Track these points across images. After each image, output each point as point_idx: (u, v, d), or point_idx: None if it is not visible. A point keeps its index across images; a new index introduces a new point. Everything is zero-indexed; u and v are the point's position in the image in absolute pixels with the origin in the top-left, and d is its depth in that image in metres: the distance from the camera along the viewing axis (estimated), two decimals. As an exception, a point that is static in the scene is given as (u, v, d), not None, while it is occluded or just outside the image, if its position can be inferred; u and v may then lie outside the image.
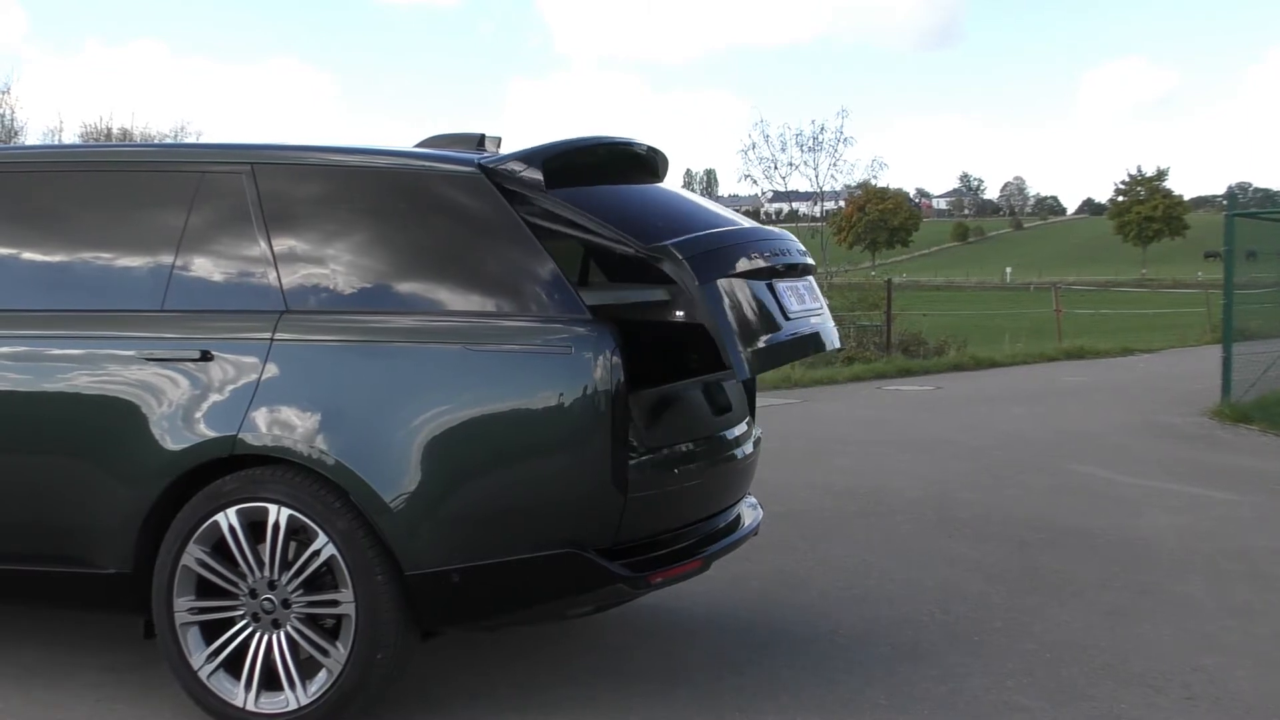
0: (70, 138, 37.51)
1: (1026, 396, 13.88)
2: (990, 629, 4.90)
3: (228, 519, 3.68)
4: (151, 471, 3.73)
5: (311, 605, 3.65)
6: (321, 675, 3.64)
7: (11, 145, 25.97)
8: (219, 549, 3.71)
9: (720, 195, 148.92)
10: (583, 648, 4.62)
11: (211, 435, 3.69)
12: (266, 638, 3.68)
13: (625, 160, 4.27)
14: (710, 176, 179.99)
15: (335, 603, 3.61)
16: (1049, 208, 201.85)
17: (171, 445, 3.71)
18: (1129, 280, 75.64)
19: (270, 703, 3.67)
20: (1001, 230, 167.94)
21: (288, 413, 3.64)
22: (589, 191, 3.84)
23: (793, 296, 3.99)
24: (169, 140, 33.24)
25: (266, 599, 3.67)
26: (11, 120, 36.70)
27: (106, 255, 4.01)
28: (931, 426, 11.15)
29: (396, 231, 3.80)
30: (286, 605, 3.66)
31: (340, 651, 3.60)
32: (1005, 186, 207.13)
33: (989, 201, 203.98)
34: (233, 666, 3.71)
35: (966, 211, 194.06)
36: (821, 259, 23.83)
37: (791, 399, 13.35)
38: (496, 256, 3.71)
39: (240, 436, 3.66)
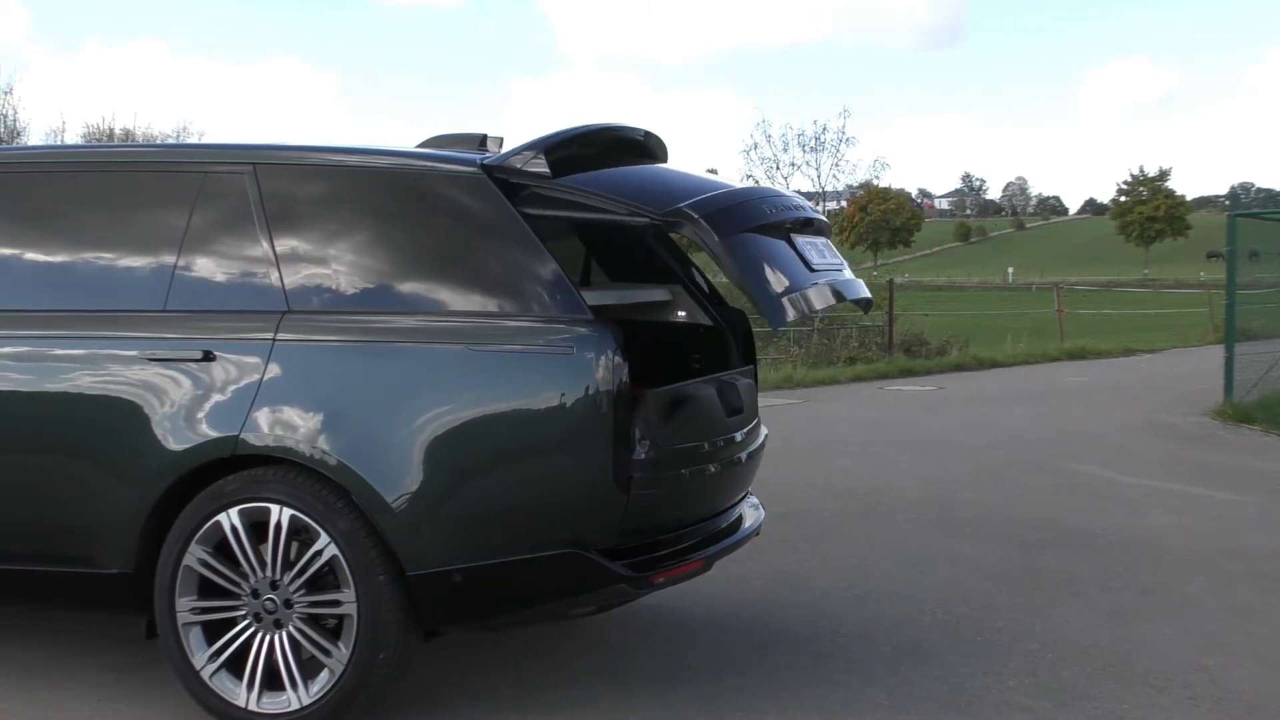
0: (73, 138, 37.55)
1: (1028, 397, 13.88)
2: (992, 629, 4.90)
3: (230, 519, 3.68)
4: (154, 471, 3.74)
5: (313, 605, 3.65)
6: (323, 675, 3.64)
7: (14, 146, 26.00)
8: (221, 549, 3.72)
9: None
10: (584, 647, 4.62)
11: (214, 435, 3.69)
12: (268, 638, 3.68)
13: (624, 146, 4.28)
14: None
15: (337, 603, 3.61)
16: (1051, 208, 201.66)
17: (174, 445, 3.72)
18: (1131, 280, 75.57)
19: (272, 703, 3.67)
20: (1003, 230, 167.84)
21: (290, 413, 3.65)
22: (595, 175, 3.86)
23: (813, 251, 3.98)
24: (171, 140, 33.25)
25: (268, 599, 3.67)
26: (14, 121, 36.78)
27: (109, 255, 4.01)
28: (933, 427, 11.14)
29: (399, 232, 3.81)
30: (288, 605, 3.66)
31: (342, 651, 3.60)
32: (1007, 186, 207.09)
33: (991, 202, 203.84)
34: (235, 666, 3.71)
35: (968, 212, 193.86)
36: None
37: (793, 399, 13.35)
38: (498, 257, 3.71)
39: (242, 436, 3.66)
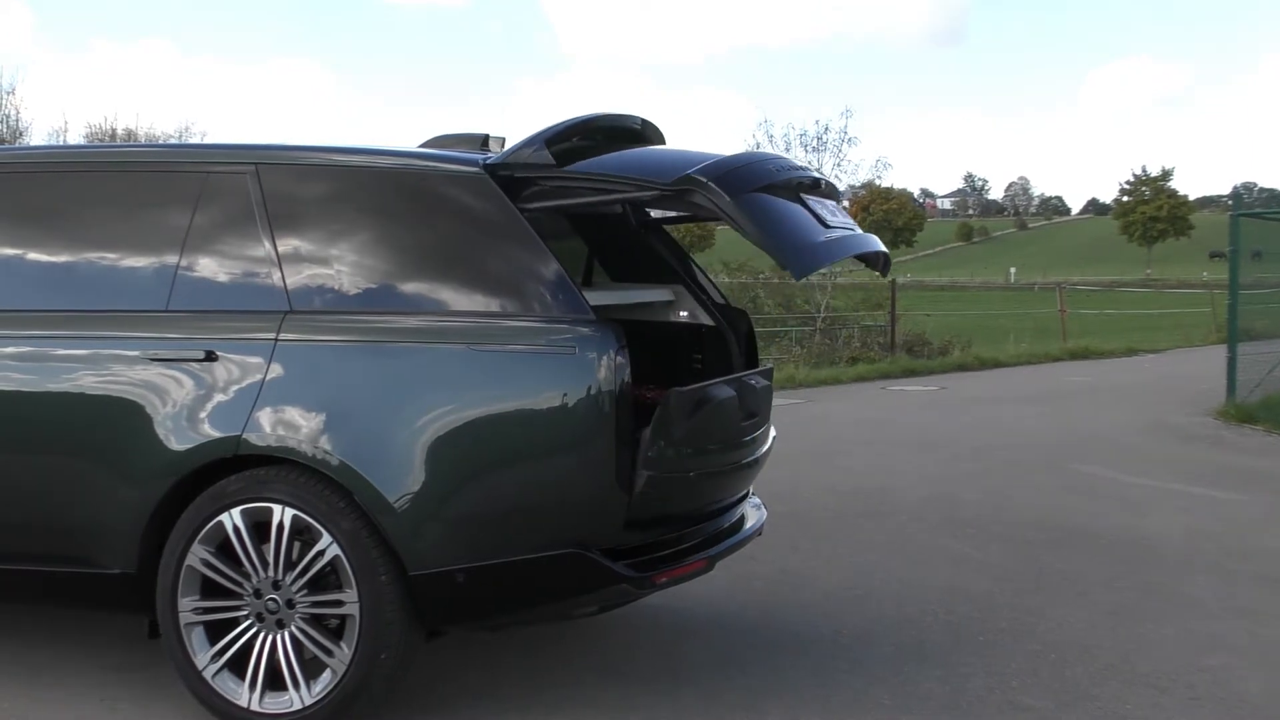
0: (75, 138, 37.56)
1: (1031, 397, 13.87)
2: (995, 629, 4.89)
3: (232, 519, 3.68)
4: (156, 471, 3.74)
5: (316, 605, 3.65)
6: (326, 675, 3.64)
7: (16, 145, 26.00)
8: (223, 549, 3.71)
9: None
10: (587, 647, 4.62)
11: (216, 435, 3.69)
12: (271, 638, 3.68)
13: (622, 135, 4.28)
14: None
15: (339, 603, 3.61)
16: (1053, 208, 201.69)
17: (176, 445, 3.72)
18: (1134, 280, 75.53)
19: (275, 703, 3.67)
20: (1006, 230, 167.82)
21: (292, 413, 3.64)
22: (598, 159, 3.87)
23: (825, 210, 3.96)
24: (173, 140, 33.28)
25: (271, 599, 3.67)
26: (17, 120, 36.74)
27: (111, 255, 4.01)
28: (936, 427, 11.14)
29: (401, 232, 3.80)
30: (291, 605, 3.66)
31: (344, 651, 3.60)
32: (1010, 186, 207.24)
33: (993, 201, 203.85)
34: (237, 666, 3.71)
35: (971, 211, 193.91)
36: (826, 259, 23.76)
37: (796, 399, 13.34)
38: (501, 257, 3.71)
39: (245, 437, 3.66)
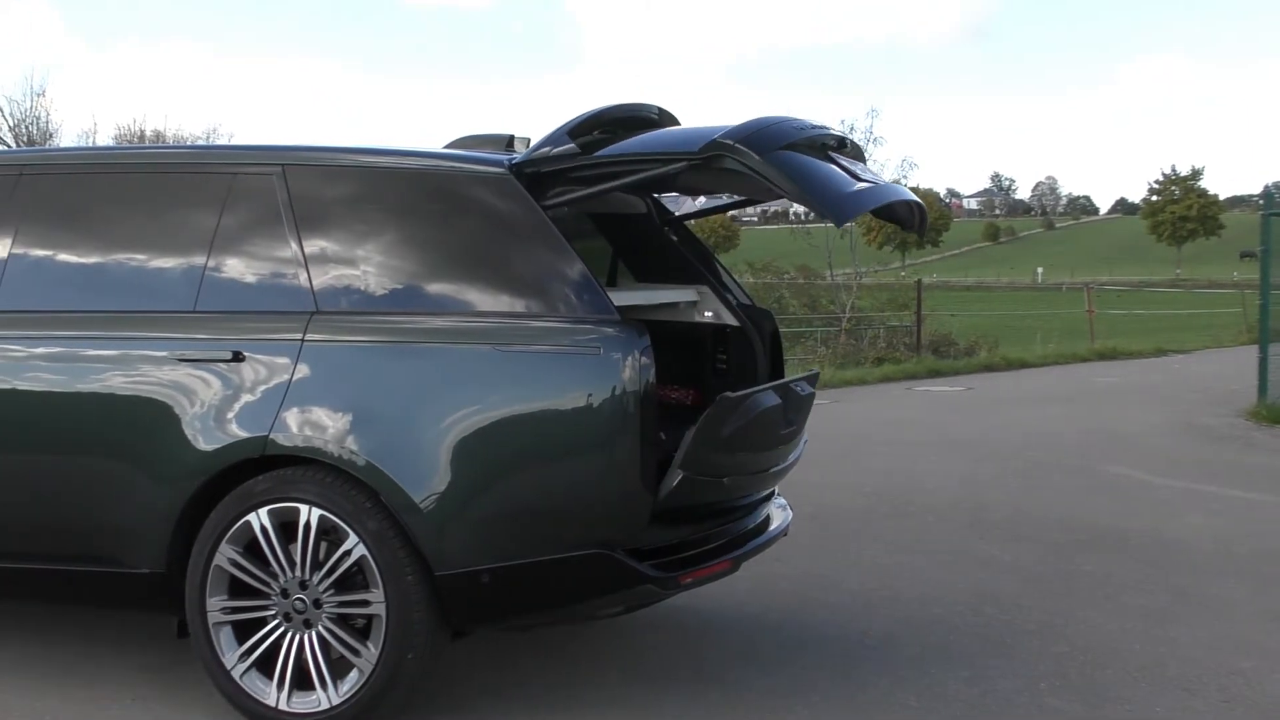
0: (104, 139, 37.87)
1: (1059, 397, 13.77)
2: (1023, 631, 4.86)
3: (259, 519, 3.70)
4: (184, 471, 3.76)
5: (342, 605, 3.66)
6: (353, 675, 3.65)
7: (46, 147, 26.23)
8: (251, 549, 3.73)
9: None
10: (613, 647, 4.61)
11: (243, 435, 3.71)
12: (298, 637, 3.69)
13: (640, 124, 4.27)
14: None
15: (366, 603, 3.62)
16: (1081, 207, 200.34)
17: (204, 445, 3.74)
18: (1163, 280, 74.93)
19: (302, 702, 3.69)
20: (1033, 230, 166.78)
21: (319, 413, 3.66)
22: (622, 144, 3.86)
23: (856, 168, 3.92)
24: (201, 142, 33.50)
25: (298, 599, 3.69)
26: (46, 122, 37.10)
27: (140, 257, 4.04)
28: (962, 427, 11.08)
29: (426, 232, 3.81)
30: (318, 605, 3.67)
31: (371, 651, 3.61)
32: (1037, 186, 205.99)
33: (1020, 201, 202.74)
34: (265, 666, 3.73)
35: (997, 211, 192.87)
36: (851, 259, 23.74)
37: (821, 399, 13.24)
38: (526, 257, 3.71)
39: (272, 437, 3.68)
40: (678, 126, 4.25)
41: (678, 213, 4.78)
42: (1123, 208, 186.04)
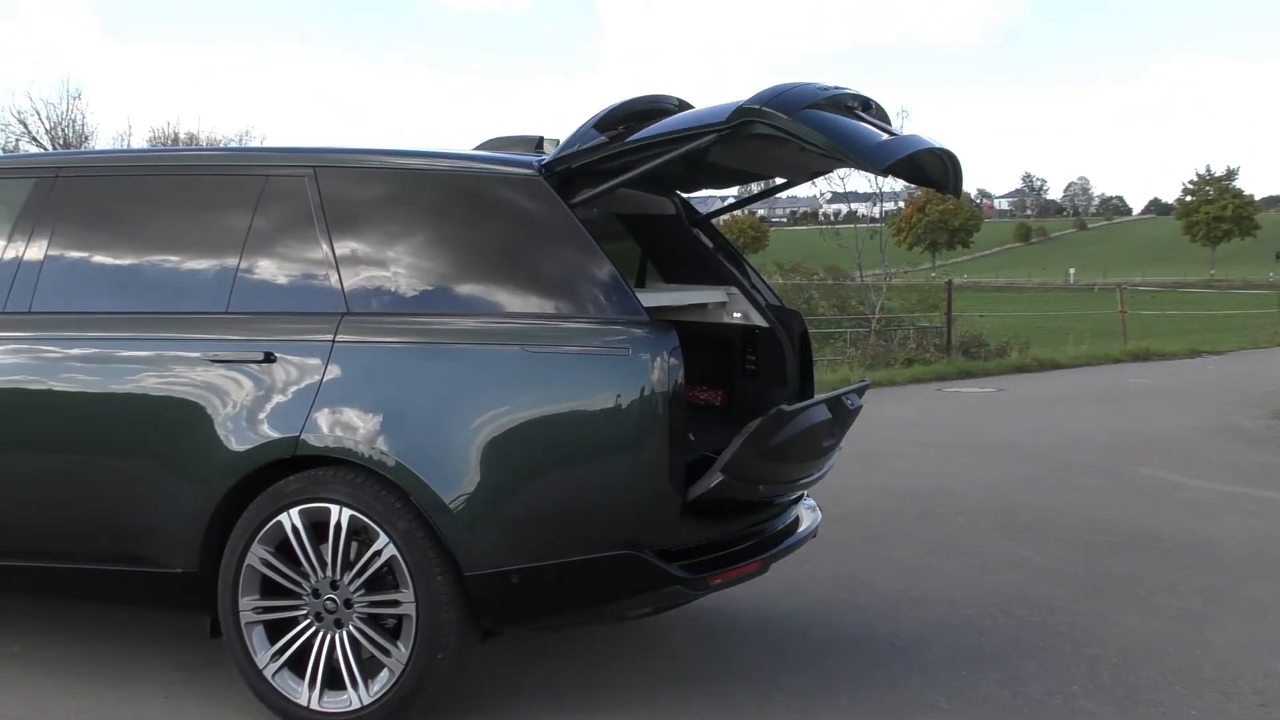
0: (139, 142, 38.24)
1: (1091, 398, 13.67)
2: (1054, 633, 4.83)
3: (291, 519, 3.72)
4: (217, 472, 3.79)
5: (373, 605, 3.68)
6: (383, 675, 3.67)
7: (82, 149, 26.46)
8: (282, 549, 3.76)
9: (778, 196, 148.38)
10: (641, 648, 4.62)
11: (275, 436, 3.73)
12: (329, 637, 3.72)
13: (660, 116, 4.25)
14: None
15: (396, 603, 3.64)
16: (1114, 208, 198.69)
17: (236, 446, 3.77)
18: (1197, 281, 74.22)
19: (333, 701, 3.71)
20: (1065, 231, 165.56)
21: (349, 414, 3.68)
22: (650, 128, 3.81)
23: (880, 123, 3.87)
24: (234, 144, 33.74)
25: (329, 599, 3.71)
26: (82, 125, 37.52)
27: (173, 258, 4.08)
28: (993, 428, 11.01)
29: (456, 234, 3.83)
30: (348, 605, 3.69)
31: (401, 651, 3.63)
32: (1069, 187, 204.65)
33: (1052, 202, 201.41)
34: (297, 665, 3.75)
35: (1029, 212, 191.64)
36: (880, 260, 23.64)
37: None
38: (555, 258, 3.72)
39: (303, 437, 3.70)
40: (697, 109, 4.24)
41: (708, 211, 4.77)
42: (1156, 208, 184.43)
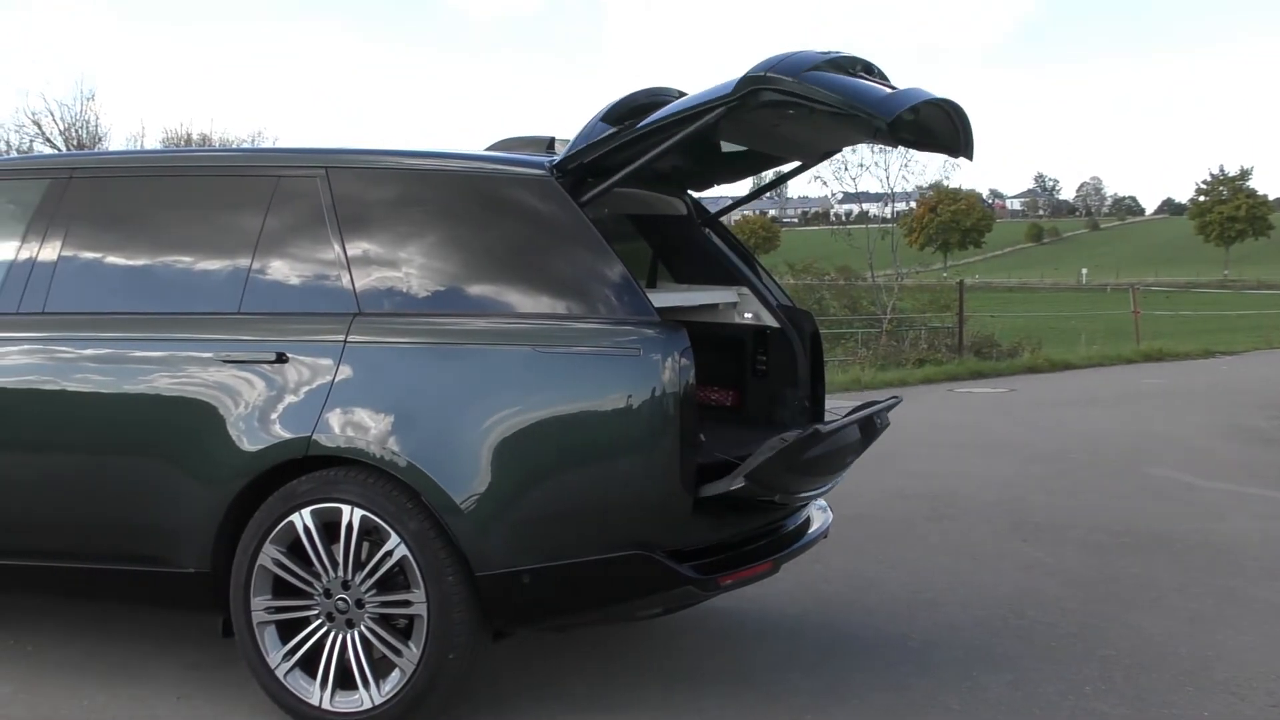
0: (152, 143, 38.37)
1: (1103, 399, 13.63)
2: (1066, 634, 4.82)
3: (303, 519, 3.73)
4: (229, 472, 3.80)
5: (384, 605, 3.69)
6: (395, 675, 3.67)
7: (96, 150, 26.55)
8: (294, 549, 3.77)
9: (789, 197, 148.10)
10: (653, 648, 4.62)
11: (287, 436, 3.74)
12: (341, 637, 3.72)
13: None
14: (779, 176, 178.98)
15: (407, 603, 3.65)
16: (1127, 208, 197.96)
17: (248, 446, 3.78)
18: (1211, 281, 73.98)
19: (345, 701, 3.72)
20: (1077, 231, 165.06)
21: (361, 414, 3.69)
22: (656, 113, 3.78)
23: (889, 84, 3.85)
24: (246, 145, 33.85)
25: (341, 599, 3.72)
26: (96, 126, 37.65)
27: (186, 259, 4.09)
28: (1005, 429, 10.99)
29: (468, 234, 3.83)
30: (360, 605, 3.70)
31: (413, 651, 3.64)
32: (1081, 187, 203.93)
33: (1064, 202, 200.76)
34: (308, 665, 3.76)
35: (1041, 212, 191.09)
36: (892, 260, 23.63)
37: (860, 401, 13.21)
38: (566, 259, 3.72)
39: (315, 438, 3.71)
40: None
41: (719, 208, 4.77)
42: (1169, 208, 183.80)
